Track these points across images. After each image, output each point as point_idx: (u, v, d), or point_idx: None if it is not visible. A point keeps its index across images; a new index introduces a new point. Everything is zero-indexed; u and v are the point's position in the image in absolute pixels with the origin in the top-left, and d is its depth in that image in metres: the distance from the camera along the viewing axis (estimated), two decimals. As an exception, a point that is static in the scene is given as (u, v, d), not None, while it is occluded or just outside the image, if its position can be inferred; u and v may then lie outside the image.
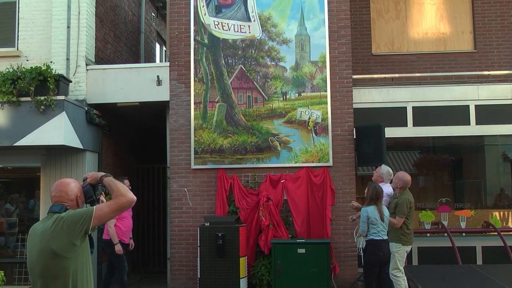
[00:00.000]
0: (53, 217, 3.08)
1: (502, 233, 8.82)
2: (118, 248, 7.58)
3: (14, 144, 8.09)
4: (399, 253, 6.89)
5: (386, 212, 6.87)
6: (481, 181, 10.54)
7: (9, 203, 9.64)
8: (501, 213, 9.97)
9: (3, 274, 7.47)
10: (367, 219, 6.75)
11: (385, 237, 6.81)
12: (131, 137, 11.48)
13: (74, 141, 8.43)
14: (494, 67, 10.51)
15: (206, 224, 8.03)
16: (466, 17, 11.08)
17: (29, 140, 8.06)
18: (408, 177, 7.16)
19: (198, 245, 8.01)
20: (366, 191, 7.04)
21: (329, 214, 8.53)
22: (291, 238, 8.47)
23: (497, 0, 10.99)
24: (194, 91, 9.08)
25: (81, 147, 8.70)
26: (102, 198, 3.30)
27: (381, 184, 7.24)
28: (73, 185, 3.27)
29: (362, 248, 7.50)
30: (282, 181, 8.68)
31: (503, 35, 10.90)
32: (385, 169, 7.71)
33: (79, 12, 9.26)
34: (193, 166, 8.94)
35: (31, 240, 3.14)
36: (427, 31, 11.11)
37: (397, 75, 10.10)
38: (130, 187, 7.48)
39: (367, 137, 8.61)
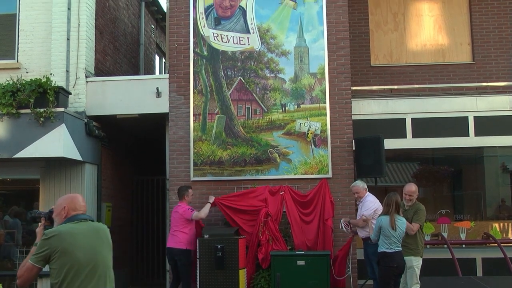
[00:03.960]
0: (93, 223, 3.70)
1: (502, 244, 8.80)
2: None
3: (14, 156, 8.10)
4: (418, 266, 6.78)
5: (400, 223, 6.53)
6: (481, 192, 10.53)
7: (8, 215, 9.62)
8: (501, 224, 9.96)
9: (1, 286, 7.44)
10: (379, 229, 6.53)
11: (398, 249, 6.48)
12: (130, 149, 11.49)
13: (73, 153, 8.43)
14: (492, 79, 10.53)
15: (205, 236, 8.01)
16: (464, 29, 11.12)
17: (28, 152, 8.07)
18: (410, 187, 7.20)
19: (198, 257, 7.98)
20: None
21: (330, 224, 8.48)
22: (290, 249, 8.43)
23: (495, 12, 11.04)
24: (194, 103, 9.10)
25: (80, 159, 8.70)
26: (43, 221, 3.84)
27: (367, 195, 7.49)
28: None
29: (345, 229, 7.89)
30: (282, 193, 8.65)
31: (501, 47, 10.94)
32: (357, 184, 7.79)
33: (78, 25, 9.30)
34: (192, 178, 8.92)
35: (84, 239, 3.51)
36: (425, 43, 11.16)
37: (396, 86, 10.11)
38: None
39: (367, 149, 8.61)
